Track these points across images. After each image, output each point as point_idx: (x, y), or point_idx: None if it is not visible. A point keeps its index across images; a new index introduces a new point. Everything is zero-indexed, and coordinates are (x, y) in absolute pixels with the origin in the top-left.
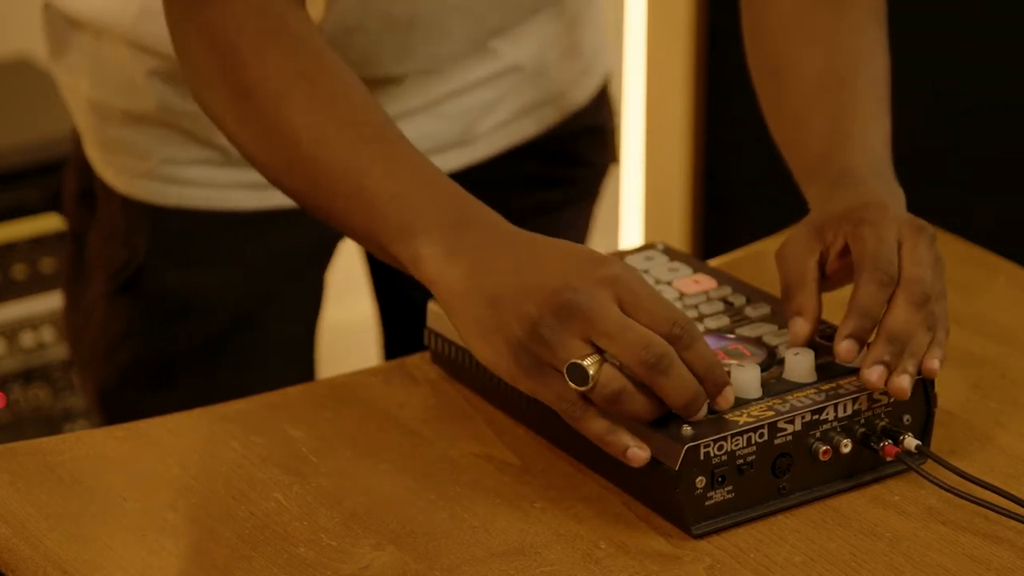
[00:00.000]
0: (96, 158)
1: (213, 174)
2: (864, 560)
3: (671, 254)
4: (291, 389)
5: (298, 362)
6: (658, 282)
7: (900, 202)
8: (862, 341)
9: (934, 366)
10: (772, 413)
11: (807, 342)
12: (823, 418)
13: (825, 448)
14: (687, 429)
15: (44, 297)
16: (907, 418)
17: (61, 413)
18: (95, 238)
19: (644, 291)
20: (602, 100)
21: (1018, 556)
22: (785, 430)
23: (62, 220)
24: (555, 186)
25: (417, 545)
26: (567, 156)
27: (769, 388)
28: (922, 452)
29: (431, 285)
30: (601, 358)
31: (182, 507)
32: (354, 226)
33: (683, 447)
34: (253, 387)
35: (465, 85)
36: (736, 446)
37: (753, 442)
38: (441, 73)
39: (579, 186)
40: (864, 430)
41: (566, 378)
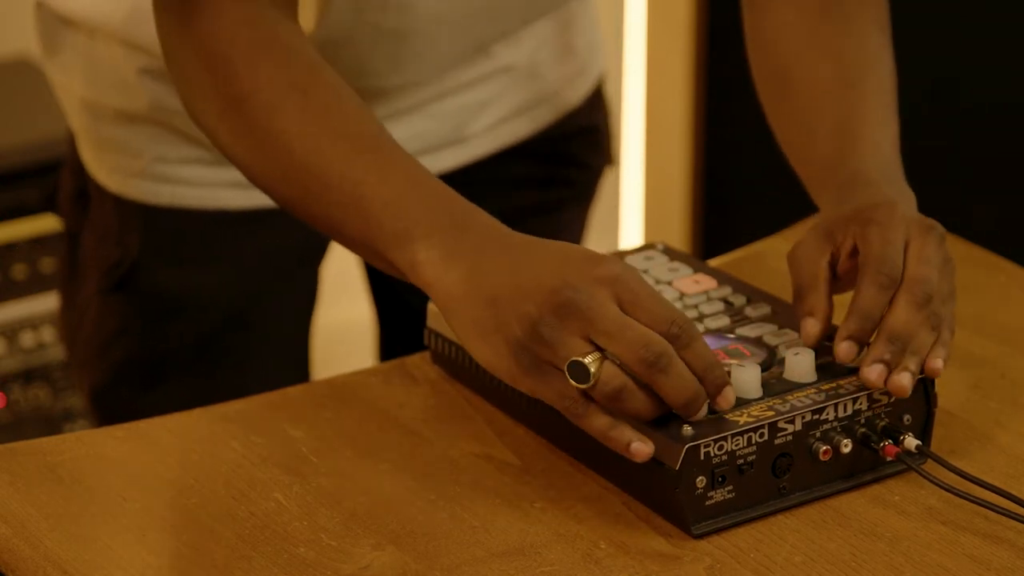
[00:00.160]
0: (89, 158)
1: (205, 173)
2: (864, 560)
3: (671, 254)
4: (291, 389)
5: (292, 361)
6: (658, 282)
7: (911, 203)
8: (861, 342)
9: (937, 366)
10: (772, 413)
11: (818, 343)
12: (823, 418)
13: (825, 448)
14: (687, 429)
15: (44, 297)
16: (907, 418)
17: (61, 413)
18: (89, 238)
19: (643, 290)
20: (596, 100)
21: (1018, 556)
22: (785, 430)
23: (58, 220)
24: (550, 187)
25: (417, 545)
26: (561, 157)
27: (769, 388)
28: (922, 452)
29: (429, 289)
30: (602, 356)
31: (182, 507)
32: (350, 235)
33: (683, 447)
34: (246, 386)
35: (457, 85)
36: (736, 446)
37: (753, 442)
38: (431, 84)
39: (574, 187)
40: (864, 430)
41: (567, 376)
